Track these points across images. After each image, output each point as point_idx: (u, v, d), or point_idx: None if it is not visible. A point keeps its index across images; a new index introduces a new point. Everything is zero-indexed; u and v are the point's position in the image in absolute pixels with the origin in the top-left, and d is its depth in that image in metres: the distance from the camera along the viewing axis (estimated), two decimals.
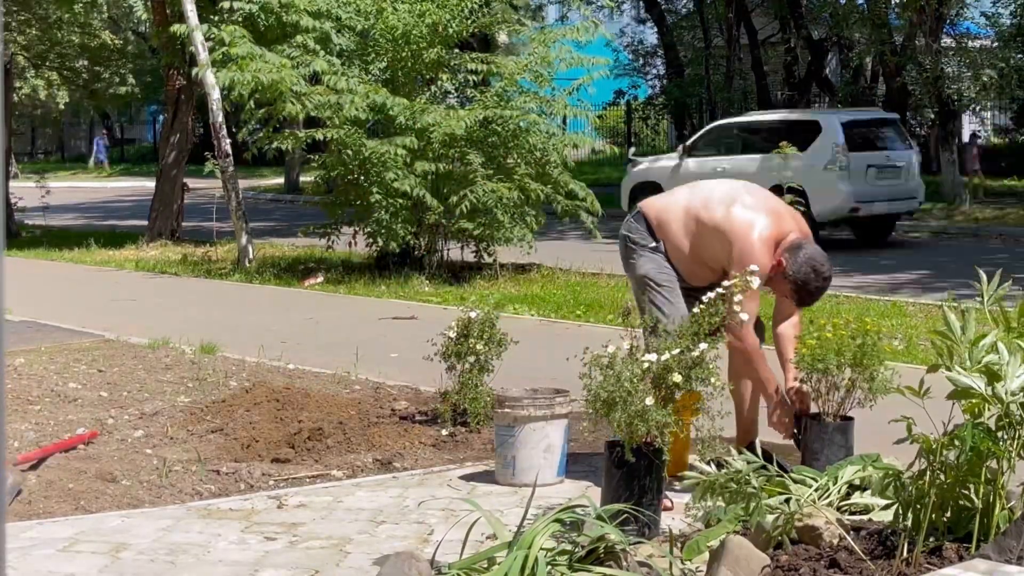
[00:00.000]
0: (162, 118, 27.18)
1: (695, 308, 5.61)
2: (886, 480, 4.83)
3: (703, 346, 5.30)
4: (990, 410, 4.51)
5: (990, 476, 4.48)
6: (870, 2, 25.26)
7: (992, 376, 4.46)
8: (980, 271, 4.93)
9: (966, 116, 28.51)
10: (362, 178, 14.95)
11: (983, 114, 28.47)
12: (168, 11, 19.33)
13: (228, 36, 15.07)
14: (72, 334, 10.85)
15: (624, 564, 4.40)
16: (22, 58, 29.28)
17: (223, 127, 16.95)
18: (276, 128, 16.31)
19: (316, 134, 15.07)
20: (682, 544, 4.80)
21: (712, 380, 5.30)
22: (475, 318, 7.12)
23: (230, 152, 17.03)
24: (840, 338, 5.80)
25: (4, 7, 21.73)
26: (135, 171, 42.46)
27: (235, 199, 16.99)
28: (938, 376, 4.61)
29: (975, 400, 4.51)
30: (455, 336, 7.13)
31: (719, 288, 5.64)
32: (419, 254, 15.26)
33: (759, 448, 5.46)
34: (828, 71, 31.29)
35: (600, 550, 4.46)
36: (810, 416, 5.98)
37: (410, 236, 14.91)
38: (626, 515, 4.83)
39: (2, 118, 2.24)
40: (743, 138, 20.23)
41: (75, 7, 26.44)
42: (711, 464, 5.31)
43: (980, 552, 4.30)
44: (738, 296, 5.61)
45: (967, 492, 4.51)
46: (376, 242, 15.10)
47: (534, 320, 11.79)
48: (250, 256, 16.56)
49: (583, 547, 4.48)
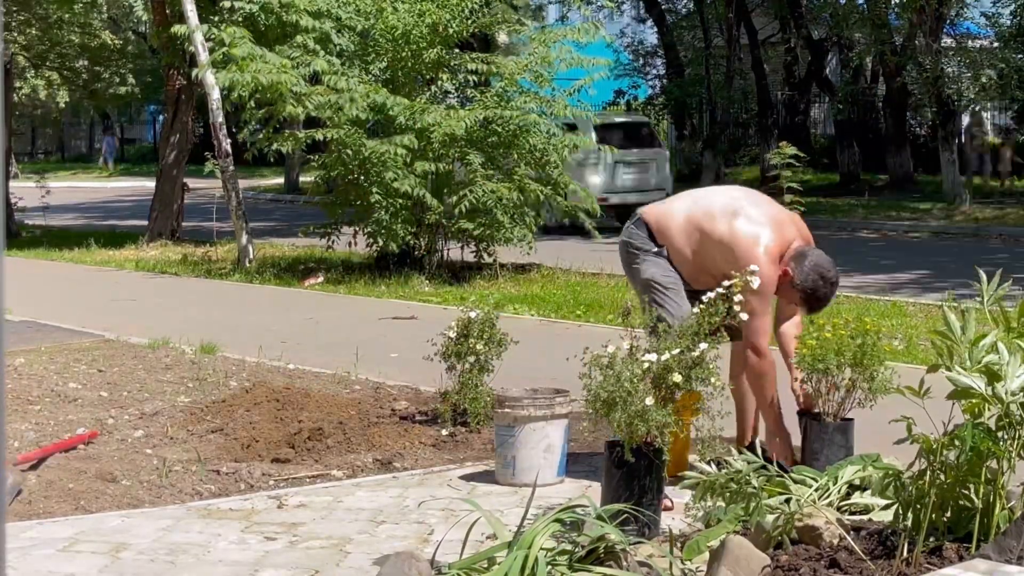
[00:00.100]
0: (162, 118, 27.19)
1: (695, 308, 5.62)
2: (886, 480, 4.83)
3: (703, 346, 5.30)
4: (990, 410, 4.51)
5: (990, 476, 4.48)
6: (870, 2, 25.24)
7: (992, 376, 4.46)
8: (980, 271, 4.93)
9: (985, 114, 28.54)
10: (362, 178, 14.94)
11: (983, 114, 28.44)
12: (168, 11, 19.31)
13: (228, 37, 15.07)
14: (72, 334, 10.85)
15: (624, 564, 4.40)
16: (22, 58, 29.23)
17: (223, 127, 16.95)
18: (276, 128, 16.30)
19: (316, 134, 15.06)
20: (682, 544, 4.80)
21: (712, 380, 5.31)
22: (475, 318, 7.12)
23: (230, 152, 17.02)
24: (840, 338, 5.80)
25: (4, 7, 21.72)
26: (135, 171, 42.46)
27: (235, 199, 16.99)
28: (938, 376, 4.61)
29: (975, 400, 4.51)
30: (455, 336, 7.13)
31: (719, 288, 5.65)
32: (419, 254, 15.26)
33: (759, 448, 5.47)
34: (828, 71, 31.28)
35: (600, 550, 4.46)
36: (810, 416, 5.98)
37: (410, 236, 14.91)
38: (626, 515, 4.83)
39: (2, 118, 2.24)
40: None
41: (75, 7, 26.42)
42: (711, 464, 5.31)
43: (980, 552, 4.30)
44: (738, 296, 5.62)
45: (967, 492, 4.51)
46: (376, 242, 15.10)
47: (534, 320, 11.79)
48: (250, 256, 16.56)
49: (583, 547, 4.48)
